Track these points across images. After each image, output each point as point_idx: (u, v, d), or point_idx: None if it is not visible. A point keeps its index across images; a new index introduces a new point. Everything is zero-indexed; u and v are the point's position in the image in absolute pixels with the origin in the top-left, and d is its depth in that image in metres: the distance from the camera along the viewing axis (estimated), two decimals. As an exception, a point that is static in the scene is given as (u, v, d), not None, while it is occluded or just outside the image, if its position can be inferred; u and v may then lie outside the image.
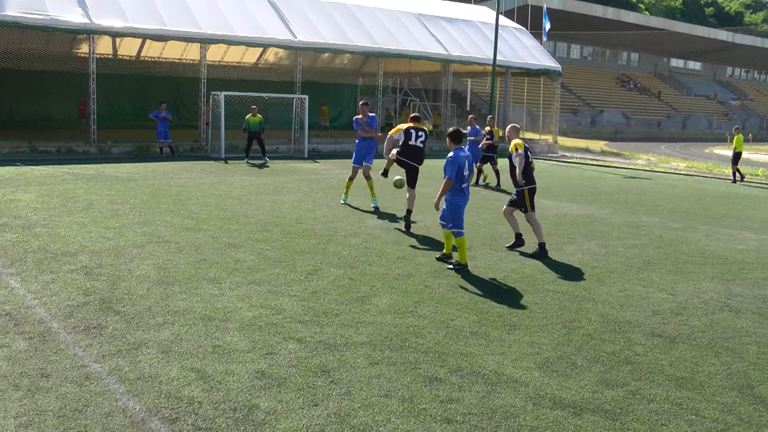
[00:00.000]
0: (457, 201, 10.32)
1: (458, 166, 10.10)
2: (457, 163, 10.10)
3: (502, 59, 37.19)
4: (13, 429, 4.93)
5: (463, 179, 10.25)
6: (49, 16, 25.53)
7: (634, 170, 31.27)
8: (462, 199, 10.38)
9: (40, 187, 16.57)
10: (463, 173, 10.21)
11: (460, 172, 10.15)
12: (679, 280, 10.24)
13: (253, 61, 42.48)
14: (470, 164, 10.39)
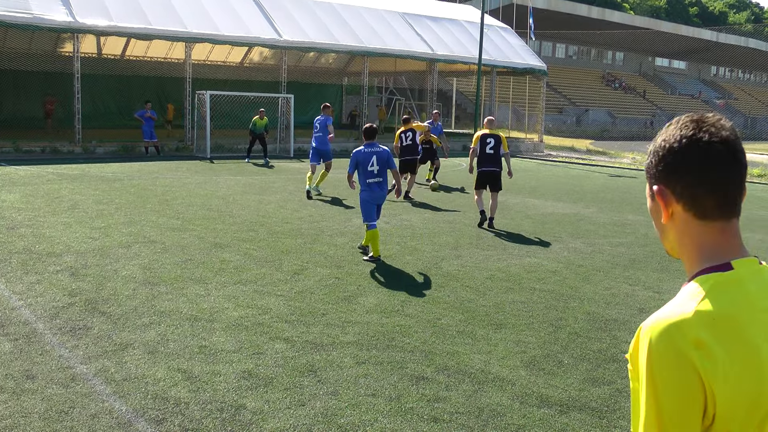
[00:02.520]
0: (362, 195, 10.68)
1: (356, 162, 10.50)
2: (355, 158, 10.53)
3: (487, 58, 37.24)
4: None
5: (367, 174, 10.55)
6: (33, 14, 25.38)
7: (619, 169, 31.39)
8: (367, 194, 10.65)
9: (25, 187, 16.48)
10: (367, 169, 10.52)
11: (361, 168, 10.50)
12: (664, 278, 10.29)
13: (239, 61, 42.42)
14: (380, 160, 10.62)
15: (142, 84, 36.38)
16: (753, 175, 30.09)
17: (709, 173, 1.65)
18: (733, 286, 1.62)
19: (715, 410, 1.51)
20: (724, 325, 1.55)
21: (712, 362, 1.51)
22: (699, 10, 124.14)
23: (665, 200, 1.72)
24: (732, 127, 1.70)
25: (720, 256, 1.67)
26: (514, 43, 42.06)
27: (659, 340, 1.55)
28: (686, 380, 1.51)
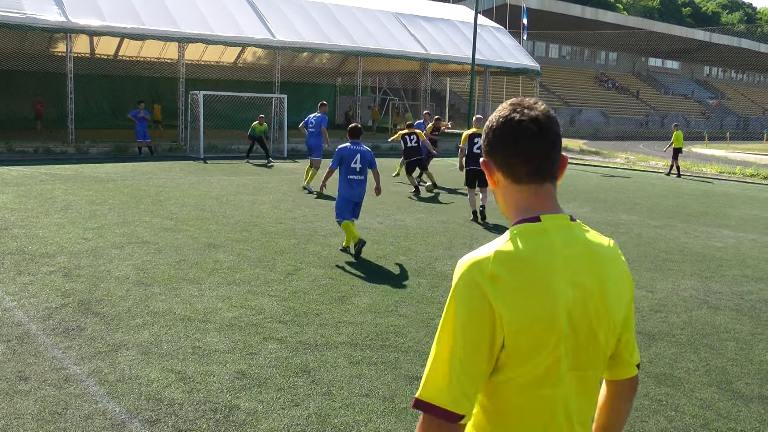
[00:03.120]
0: (341, 191, 10.88)
1: (341, 157, 10.77)
2: (340, 154, 10.81)
3: (480, 58, 37.27)
4: None
5: (349, 171, 10.81)
6: (26, 14, 25.32)
7: (613, 168, 31.46)
8: (346, 190, 10.88)
9: (18, 187, 16.43)
10: (350, 165, 10.79)
11: (345, 164, 10.76)
12: (658, 277, 10.30)
13: (232, 61, 42.39)
14: (363, 159, 10.91)
15: (136, 84, 36.34)
16: (746, 174, 30.17)
17: (521, 146, 2.02)
18: (537, 234, 2.00)
19: (503, 331, 1.85)
20: (519, 264, 1.92)
21: (501, 293, 1.86)
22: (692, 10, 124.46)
23: (489, 170, 2.11)
24: (545, 110, 2.05)
25: (532, 211, 2.06)
26: (507, 43, 42.10)
27: (464, 272, 1.92)
28: (478, 305, 1.86)
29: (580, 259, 2.01)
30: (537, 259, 1.94)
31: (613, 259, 2.09)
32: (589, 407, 2.08)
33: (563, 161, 2.12)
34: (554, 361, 1.92)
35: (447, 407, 1.84)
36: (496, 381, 1.93)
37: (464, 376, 1.85)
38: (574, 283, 1.96)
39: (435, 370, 1.88)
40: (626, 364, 2.16)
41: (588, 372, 2.01)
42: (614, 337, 2.07)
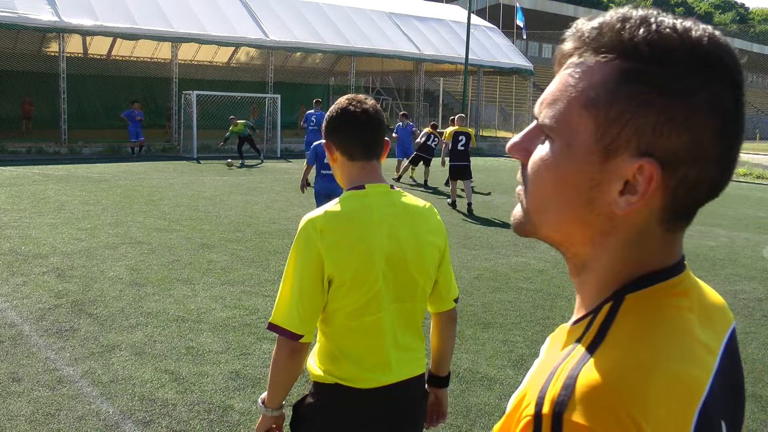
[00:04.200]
0: (317, 187, 10.79)
1: (317, 153, 10.73)
2: (315, 150, 10.77)
3: (474, 58, 37.32)
4: None
5: (323, 167, 10.78)
6: (18, 13, 25.26)
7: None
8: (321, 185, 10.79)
9: (10, 188, 16.40)
10: (324, 161, 10.71)
11: (320, 160, 10.69)
12: (651, 277, 10.32)
13: (225, 61, 42.33)
14: None
15: (129, 84, 36.23)
16: (738, 174, 30.27)
17: (355, 132, 2.66)
18: (360, 197, 2.62)
19: (330, 271, 2.48)
20: (342, 220, 2.54)
21: (327, 243, 2.49)
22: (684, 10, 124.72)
23: (330, 149, 2.71)
24: (374, 104, 2.72)
25: (360, 181, 2.67)
26: (500, 43, 42.16)
27: (302, 228, 2.55)
28: (311, 252, 2.49)
29: (396, 216, 2.64)
30: (357, 216, 2.57)
31: (427, 216, 2.76)
32: (411, 333, 2.72)
33: (386, 144, 2.77)
34: (374, 294, 2.54)
35: (290, 329, 2.52)
36: (330, 310, 2.56)
37: (302, 305, 2.50)
38: (390, 235, 2.59)
39: (281, 300, 2.54)
40: (444, 299, 2.88)
41: (406, 304, 2.66)
42: (430, 278, 2.73)
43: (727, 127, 0.96)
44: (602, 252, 1.02)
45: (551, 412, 0.86)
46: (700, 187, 0.98)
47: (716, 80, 0.94)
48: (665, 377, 0.90)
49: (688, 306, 1.02)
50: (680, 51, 0.93)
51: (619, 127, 0.94)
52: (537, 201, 1.04)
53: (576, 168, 0.98)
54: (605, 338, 0.94)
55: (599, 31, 0.97)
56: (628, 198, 0.95)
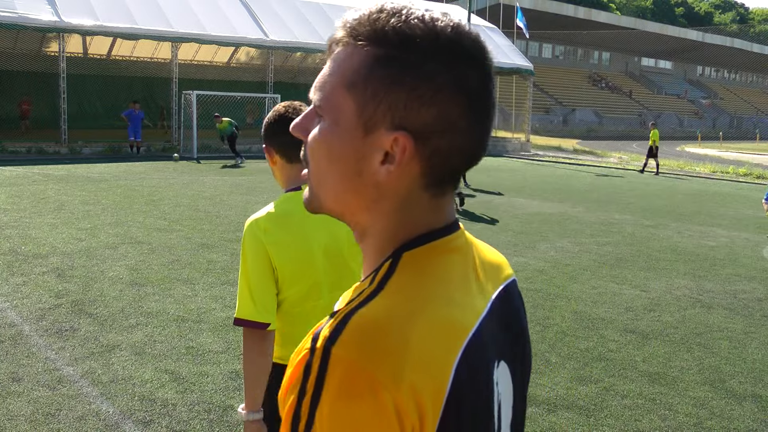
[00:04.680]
0: None
1: None
2: None
3: (474, 58, 37.24)
4: None
5: None
6: (18, 13, 25.24)
7: (606, 168, 31.52)
8: None
9: (10, 188, 16.39)
10: None
11: None
12: (651, 276, 10.33)
13: (225, 61, 42.31)
14: None
15: (129, 84, 36.21)
16: (738, 174, 30.26)
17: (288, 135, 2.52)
18: (297, 197, 2.84)
19: (275, 264, 2.76)
20: (281, 219, 2.80)
21: (272, 241, 2.75)
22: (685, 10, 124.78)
23: (269, 153, 2.90)
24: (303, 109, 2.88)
25: (297, 183, 2.89)
26: (500, 42, 42.14)
27: (247, 228, 2.80)
28: (258, 250, 2.75)
29: None
30: (295, 215, 2.82)
31: None
32: None
33: None
34: (314, 284, 2.85)
35: (255, 319, 2.73)
36: (280, 298, 2.82)
37: (261, 296, 2.73)
38: (326, 230, 2.85)
39: (242, 296, 2.76)
40: None
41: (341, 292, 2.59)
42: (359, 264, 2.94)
43: (474, 104, 1.09)
44: (377, 218, 1.14)
45: (322, 346, 0.97)
46: (454, 155, 1.10)
47: (460, 63, 1.08)
48: (430, 320, 1.02)
49: (460, 260, 1.16)
50: (425, 38, 1.06)
51: (375, 105, 1.06)
52: (317, 176, 1.15)
53: (343, 143, 1.10)
54: (383, 290, 1.05)
55: (359, 22, 1.11)
56: (388, 167, 1.08)
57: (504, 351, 1.21)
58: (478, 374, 1.08)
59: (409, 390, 0.96)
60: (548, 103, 74.54)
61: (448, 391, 1.01)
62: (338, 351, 0.96)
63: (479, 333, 1.10)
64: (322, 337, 0.98)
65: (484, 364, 1.10)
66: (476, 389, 1.07)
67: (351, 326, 0.98)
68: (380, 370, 0.95)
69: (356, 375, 0.95)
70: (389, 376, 0.95)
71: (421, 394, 0.97)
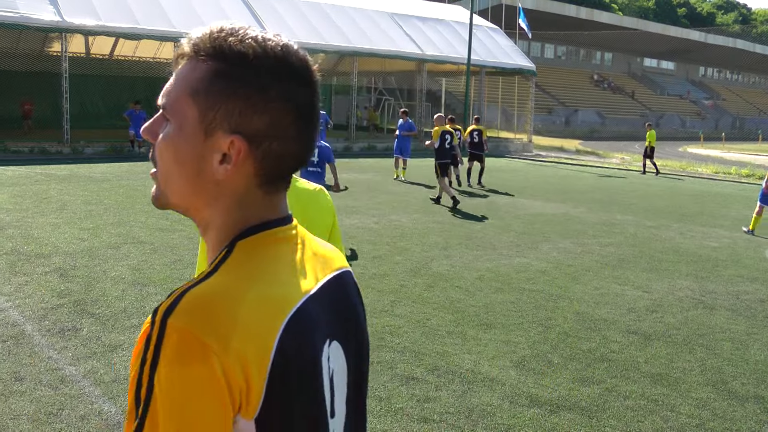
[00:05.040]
0: None
1: None
2: None
3: (476, 59, 37.29)
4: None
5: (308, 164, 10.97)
6: (20, 13, 25.23)
7: (608, 169, 31.50)
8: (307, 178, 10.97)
9: (13, 187, 16.40)
10: None
11: None
12: (653, 277, 10.32)
13: (228, 61, 42.34)
14: (321, 153, 11.23)
15: (131, 84, 36.20)
16: (741, 174, 30.23)
17: None
18: None
19: None
20: None
21: None
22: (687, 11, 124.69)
23: None
24: None
25: None
26: (503, 43, 42.14)
27: None
28: None
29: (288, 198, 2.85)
30: None
31: (316, 197, 3.28)
32: None
33: None
34: None
35: None
36: None
37: None
38: None
39: None
40: None
41: None
42: None
43: (301, 113, 1.28)
44: (216, 212, 1.29)
45: (160, 319, 1.12)
46: (284, 158, 1.28)
47: (289, 78, 1.26)
48: (256, 296, 1.19)
49: (289, 248, 1.33)
50: (257, 56, 1.24)
51: (214, 112, 1.23)
52: (164, 175, 1.29)
53: (187, 145, 1.25)
54: (216, 271, 1.21)
55: (201, 39, 1.26)
56: (225, 167, 1.24)
57: (336, 332, 1.37)
58: (303, 346, 1.23)
59: (236, 356, 1.11)
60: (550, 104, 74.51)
61: (272, 359, 1.16)
62: (173, 321, 1.11)
63: (305, 309, 1.26)
64: (160, 311, 1.13)
65: (310, 337, 1.26)
66: (302, 359, 1.22)
67: (185, 300, 1.13)
68: (210, 338, 1.10)
69: (188, 342, 1.09)
70: (218, 343, 1.10)
71: (246, 361, 1.12)
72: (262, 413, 1.15)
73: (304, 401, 1.23)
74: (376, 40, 35.19)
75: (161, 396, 1.08)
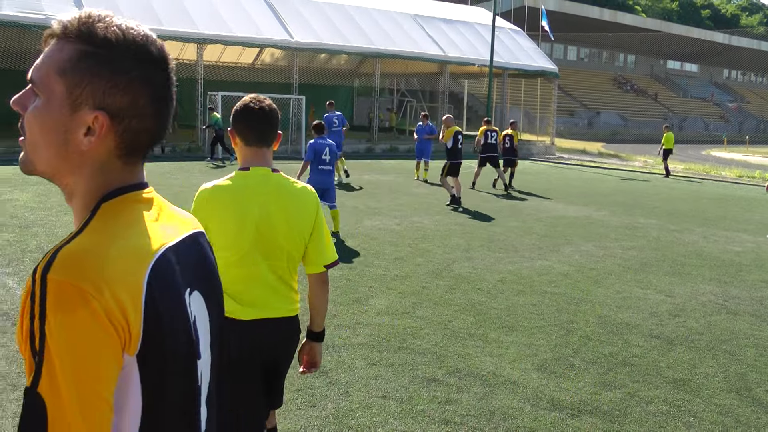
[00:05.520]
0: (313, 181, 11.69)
1: (315, 151, 11.94)
2: (313, 148, 11.99)
3: (499, 60, 37.20)
4: (10, 429, 4.93)
5: (320, 162, 11.98)
6: (46, 15, 25.47)
7: (631, 172, 31.32)
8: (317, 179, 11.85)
9: (37, 186, 16.54)
10: (321, 157, 11.96)
11: (317, 157, 11.92)
12: (676, 282, 10.25)
13: (250, 62, 42.49)
14: (331, 151, 12.07)
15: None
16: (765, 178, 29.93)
17: (251, 123, 3.42)
18: (243, 177, 3.43)
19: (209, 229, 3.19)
20: (222, 192, 3.40)
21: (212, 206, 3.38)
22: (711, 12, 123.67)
23: (233, 136, 3.48)
24: (269, 103, 3.48)
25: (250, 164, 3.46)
26: (525, 45, 42.02)
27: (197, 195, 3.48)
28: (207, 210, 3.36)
29: (268, 194, 3.39)
30: (236, 192, 3.37)
31: (299, 196, 3.49)
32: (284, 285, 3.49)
33: (278, 136, 3.54)
34: (247, 252, 3.34)
35: None
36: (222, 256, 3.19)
37: None
38: (261, 209, 3.34)
39: None
40: (314, 263, 3.58)
41: (275, 262, 3.41)
42: (298, 245, 3.46)
43: (159, 95, 1.46)
44: (81, 179, 1.43)
45: (39, 276, 1.25)
46: (142, 133, 1.45)
47: (149, 63, 1.43)
48: (121, 247, 1.35)
49: (147, 208, 1.49)
50: (120, 41, 1.40)
51: (80, 89, 1.38)
52: (31, 144, 1.42)
53: (54, 118, 1.39)
54: (83, 230, 1.36)
55: (71, 22, 1.40)
56: (89, 139, 1.39)
57: (196, 283, 1.54)
58: (168, 289, 1.41)
59: (113, 299, 1.27)
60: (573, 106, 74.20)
61: (144, 300, 1.33)
62: (52, 276, 1.25)
63: (165, 257, 1.43)
64: (39, 269, 1.27)
65: (174, 282, 1.44)
66: (169, 300, 1.40)
67: (59, 257, 1.27)
68: (86, 284, 1.25)
69: (68, 291, 1.24)
70: (94, 289, 1.25)
71: (122, 301, 1.28)
72: (142, 349, 1.32)
73: (175, 339, 1.41)
74: (398, 42, 35.18)
75: (53, 343, 1.22)
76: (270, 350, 3.54)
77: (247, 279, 3.38)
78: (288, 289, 3.53)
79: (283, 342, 3.59)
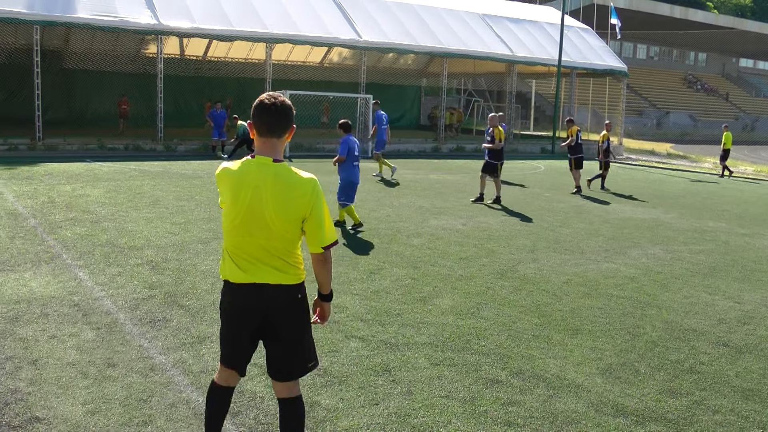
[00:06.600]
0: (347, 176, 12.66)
1: (348, 148, 12.56)
2: (347, 145, 12.57)
3: (567, 60, 36.78)
4: (81, 415, 5.06)
5: (353, 158, 12.69)
6: (119, 17, 26.05)
7: (701, 174, 30.66)
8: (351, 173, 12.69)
9: (109, 183, 16.94)
10: (354, 153, 12.68)
11: (351, 153, 12.57)
12: (746, 288, 10.01)
13: (318, 61, 42.77)
14: (359, 148, 13.03)
15: (223, 84, 36.89)
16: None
17: (262, 116, 3.89)
18: (247, 163, 3.95)
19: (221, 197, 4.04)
20: (228, 173, 3.98)
21: (221, 183, 4.02)
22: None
23: (251, 127, 3.95)
24: (283, 99, 3.91)
25: (259, 152, 3.95)
26: (594, 44, 41.45)
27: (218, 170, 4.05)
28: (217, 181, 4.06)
29: (264, 181, 3.88)
30: (238, 175, 3.93)
31: (295, 184, 3.92)
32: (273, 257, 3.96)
33: (292, 130, 3.98)
34: (238, 224, 3.94)
35: None
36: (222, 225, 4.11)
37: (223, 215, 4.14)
38: (254, 192, 3.88)
39: None
40: (312, 245, 4.02)
41: (260, 240, 3.93)
42: (289, 227, 3.93)
43: None
44: None
45: None
46: None
47: None
48: None
49: None
50: None
51: None
52: None
53: None
54: None
55: None
56: None
57: None
58: None
59: None
60: (642, 106, 72.96)
61: None
62: None
63: None
64: None
65: None
66: None
67: None
68: None
69: None
70: None
71: None
72: None
73: None
74: (467, 41, 35.02)
75: None
76: (260, 311, 4.04)
77: (238, 246, 3.99)
78: (281, 262, 3.99)
79: (273, 306, 4.02)
